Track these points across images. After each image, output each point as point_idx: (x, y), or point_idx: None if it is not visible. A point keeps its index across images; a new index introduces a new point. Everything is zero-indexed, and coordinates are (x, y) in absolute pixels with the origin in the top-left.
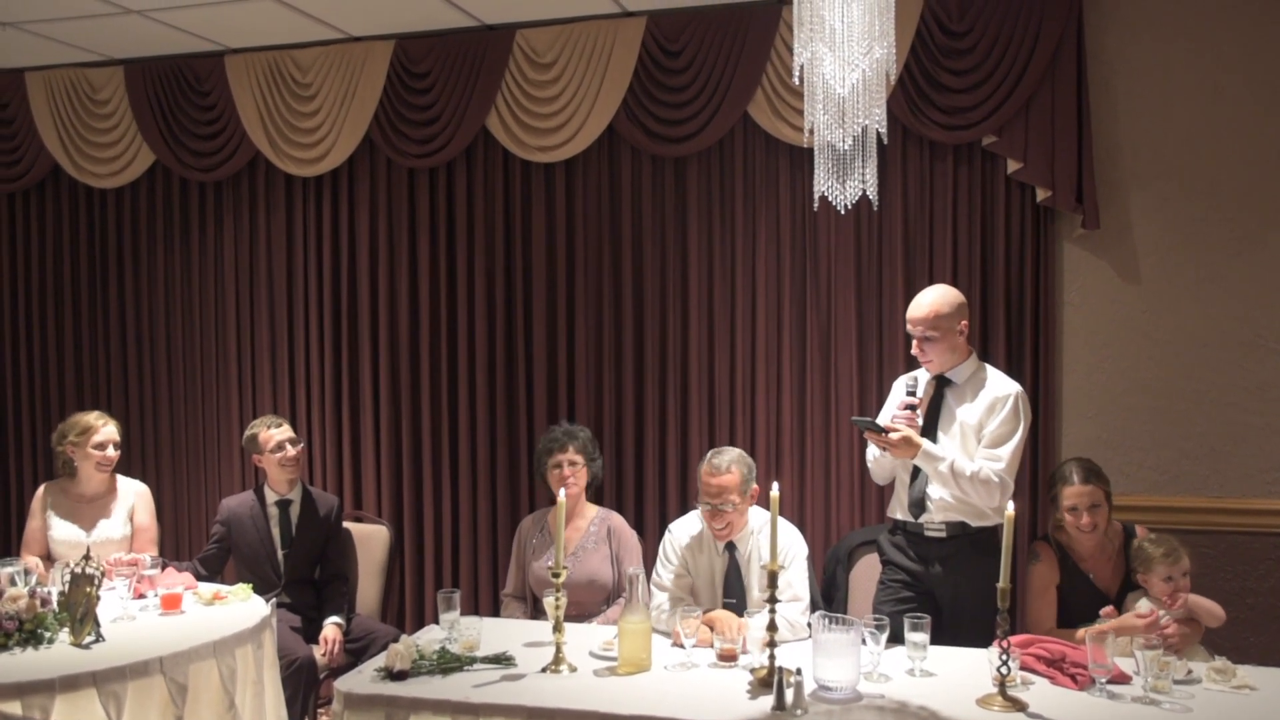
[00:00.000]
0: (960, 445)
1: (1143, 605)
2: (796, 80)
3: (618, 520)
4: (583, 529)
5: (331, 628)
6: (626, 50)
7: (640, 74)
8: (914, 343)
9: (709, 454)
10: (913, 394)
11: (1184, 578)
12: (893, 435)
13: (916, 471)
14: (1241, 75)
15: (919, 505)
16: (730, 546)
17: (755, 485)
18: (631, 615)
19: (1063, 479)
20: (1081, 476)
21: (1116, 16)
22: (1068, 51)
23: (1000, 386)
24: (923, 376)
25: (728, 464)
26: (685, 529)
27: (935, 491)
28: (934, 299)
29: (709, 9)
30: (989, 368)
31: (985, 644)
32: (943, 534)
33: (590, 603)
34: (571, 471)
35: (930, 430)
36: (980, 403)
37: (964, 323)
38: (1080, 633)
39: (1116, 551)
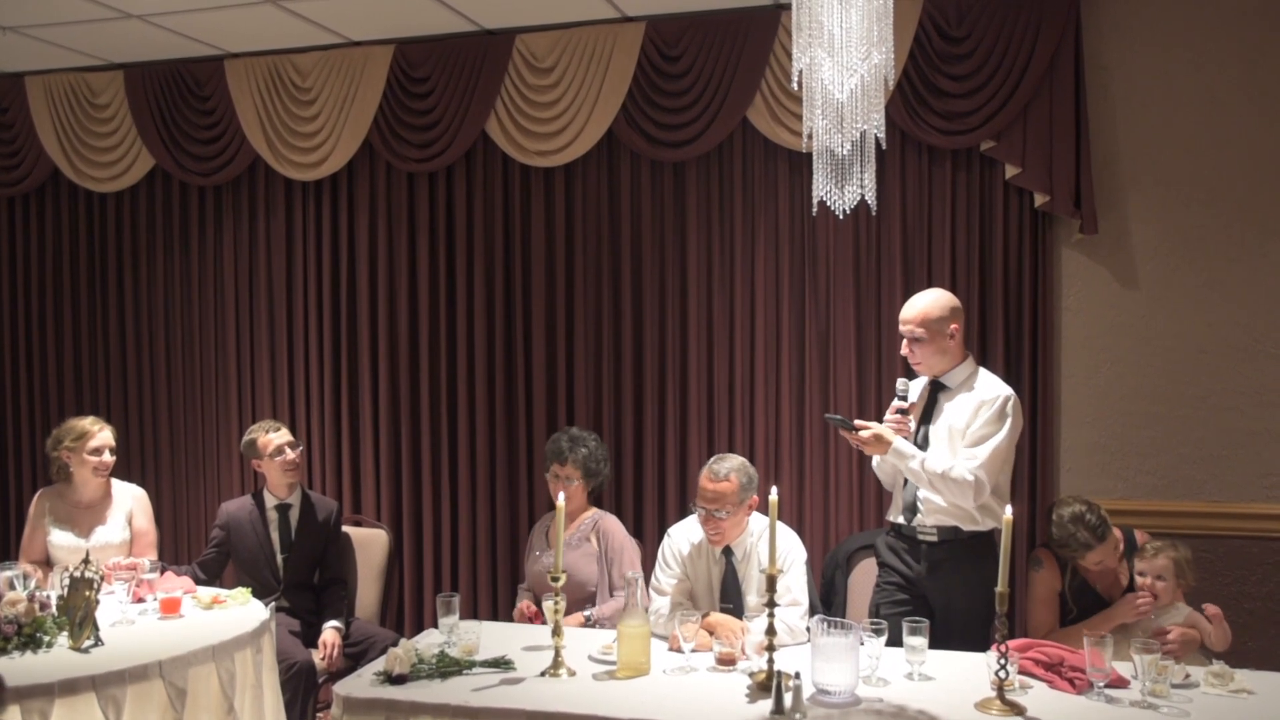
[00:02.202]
0: (949, 447)
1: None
2: (795, 85)
3: (610, 523)
4: (573, 529)
5: (331, 632)
6: (626, 55)
7: (639, 79)
8: (904, 343)
9: (712, 459)
10: (903, 398)
11: (1157, 580)
12: (863, 433)
13: None
14: (1240, 83)
15: (911, 509)
16: (728, 551)
17: (755, 496)
18: (630, 619)
19: (1081, 545)
20: (1099, 536)
21: (1115, 24)
22: (1066, 57)
23: (990, 390)
24: (916, 383)
25: (726, 472)
26: (684, 534)
27: (924, 494)
28: (925, 301)
29: (708, 14)
30: (983, 372)
31: (976, 648)
32: (934, 538)
33: (573, 599)
34: (564, 486)
35: (924, 433)
36: (968, 405)
37: (954, 326)
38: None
39: (1119, 558)
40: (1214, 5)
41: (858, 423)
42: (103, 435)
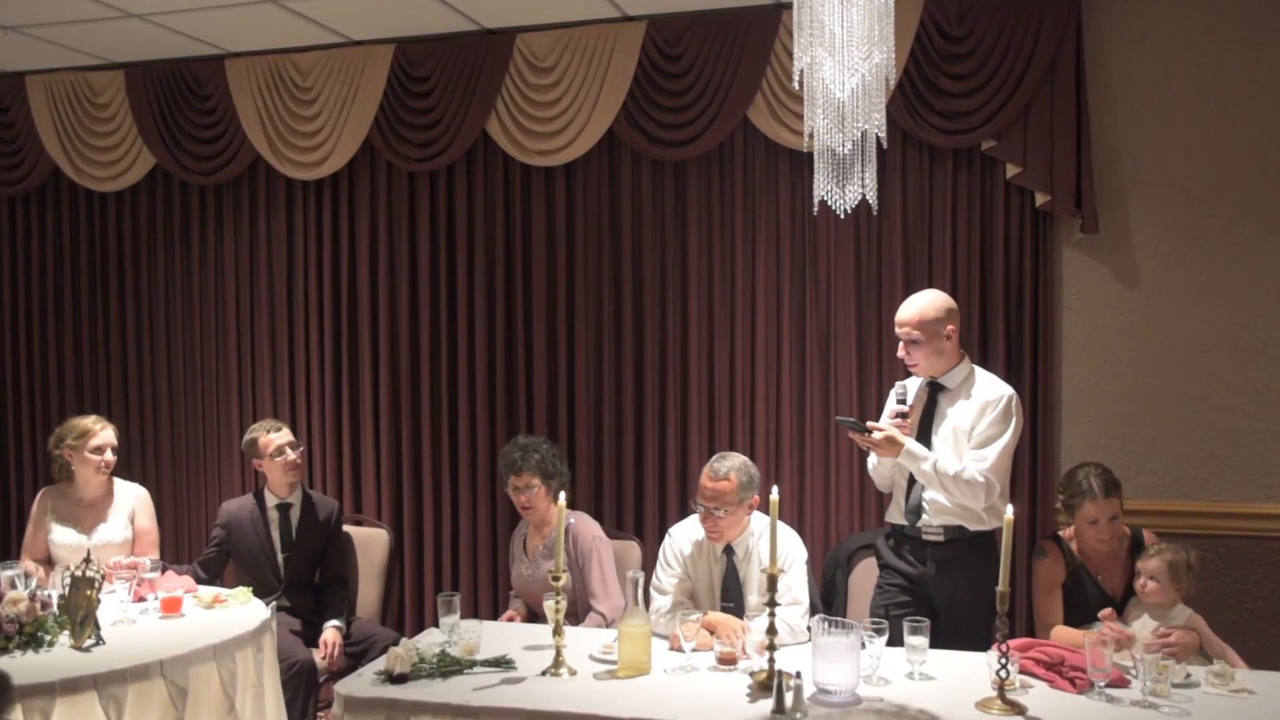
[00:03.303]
0: (953, 449)
1: (1143, 623)
2: (796, 85)
3: (579, 526)
4: (546, 534)
5: (331, 631)
6: (626, 54)
7: (640, 78)
8: (900, 345)
9: (714, 457)
10: (902, 401)
11: (1150, 580)
12: (875, 434)
13: (914, 478)
14: (1241, 82)
15: (916, 512)
16: (729, 550)
17: (756, 496)
18: (631, 619)
19: (1083, 492)
20: (1103, 490)
21: (1115, 23)
22: (1067, 56)
23: (992, 390)
24: (911, 384)
25: (726, 471)
26: (685, 533)
27: (930, 495)
28: (921, 303)
29: (709, 13)
30: (981, 371)
31: (980, 647)
32: (940, 538)
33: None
34: (528, 497)
35: (924, 435)
36: (972, 406)
37: (950, 327)
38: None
39: (1124, 554)
40: (1214, 5)
41: (870, 424)
42: (105, 434)
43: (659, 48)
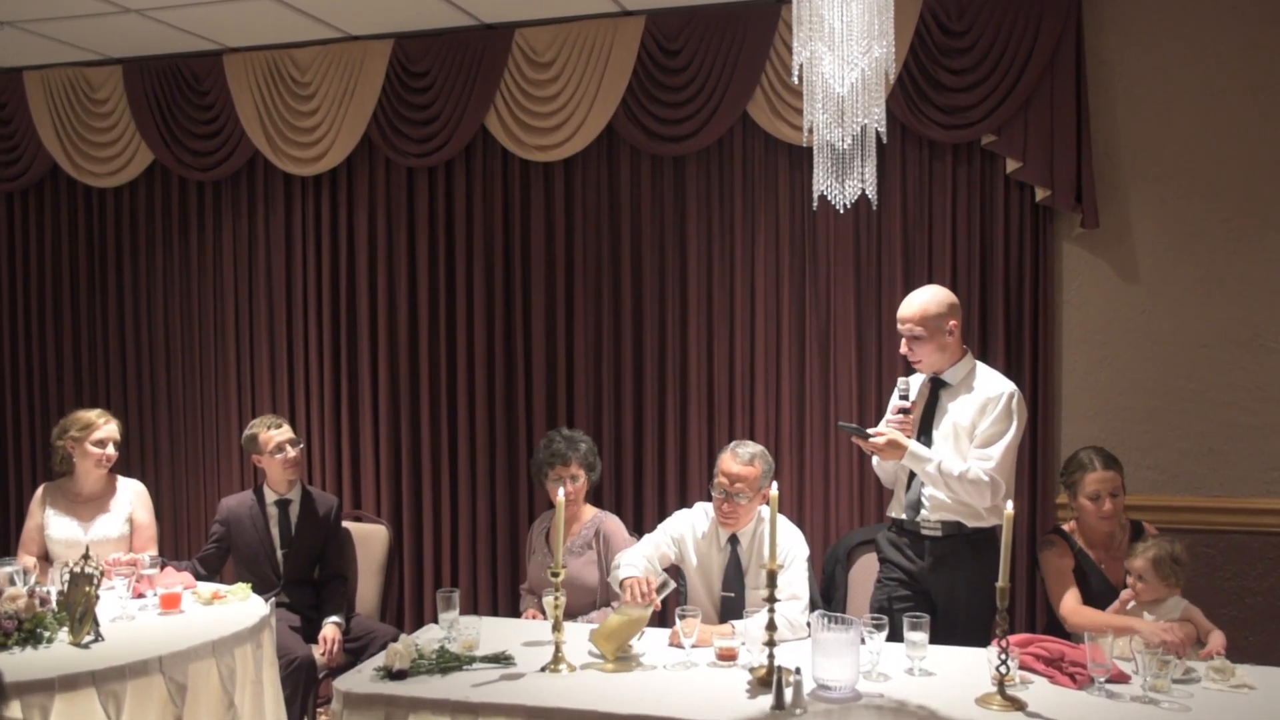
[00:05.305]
0: (954, 446)
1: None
2: (796, 79)
3: (610, 524)
4: (576, 533)
5: (331, 627)
6: (625, 49)
7: (639, 73)
8: (903, 341)
9: (733, 444)
10: (905, 398)
11: (1139, 580)
12: (877, 439)
13: (914, 472)
14: (1240, 78)
15: (915, 507)
16: (733, 540)
17: (769, 487)
18: (630, 609)
19: (1082, 466)
20: (1102, 462)
21: (1115, 18)
22: (1067, 51)
23: (993, 386)
24: (915, 381)
25: (750, 457)
26: (689, 519)
27: (929, 490)
28: (923, 299)
29: (708, 8)
30: (983, 367)
31: (979, 644)
32: (938, 533)
33: (577, 604)
34: (573, 487)
35: (926, 431)
36: (973, 403)
37: (953, 323)
38: (1113, 609)
39: (1126, 544)
40: (1213, 1)
41: (871, 430)
42: (108, 428)
43: (658, 43)
